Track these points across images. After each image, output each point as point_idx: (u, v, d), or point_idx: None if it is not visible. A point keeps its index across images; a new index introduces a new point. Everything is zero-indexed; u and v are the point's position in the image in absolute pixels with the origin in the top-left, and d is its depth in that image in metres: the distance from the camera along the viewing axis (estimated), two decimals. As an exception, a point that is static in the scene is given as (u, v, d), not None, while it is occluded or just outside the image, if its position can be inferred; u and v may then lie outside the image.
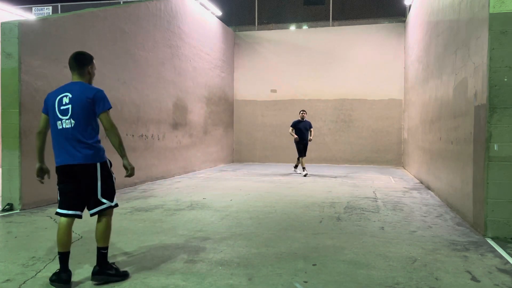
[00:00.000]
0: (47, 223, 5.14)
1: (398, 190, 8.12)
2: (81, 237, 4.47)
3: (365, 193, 7.70)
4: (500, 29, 4.38)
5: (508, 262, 3.67)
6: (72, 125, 3.05)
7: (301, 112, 11.16)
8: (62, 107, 3.07)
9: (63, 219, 3.10)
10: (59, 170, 3.14)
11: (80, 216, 3.17)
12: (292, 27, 16.84)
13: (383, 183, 9.25)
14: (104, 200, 3.17)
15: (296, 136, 10.72)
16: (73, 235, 4.54)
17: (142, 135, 9.04)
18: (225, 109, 14.41)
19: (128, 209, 6.04)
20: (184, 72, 11.13)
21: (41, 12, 16.47)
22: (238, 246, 4.14)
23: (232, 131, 15.27)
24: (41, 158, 3.25)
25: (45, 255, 3.81)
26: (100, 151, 3.20)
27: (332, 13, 15.44)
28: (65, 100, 3.07)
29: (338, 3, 16.34)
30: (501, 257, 3.81)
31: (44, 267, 3.46)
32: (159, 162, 9.78)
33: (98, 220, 3.22)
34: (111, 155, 3.52)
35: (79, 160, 3.08)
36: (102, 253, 3.16)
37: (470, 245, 4.18)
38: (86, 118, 3.08)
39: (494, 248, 4.08)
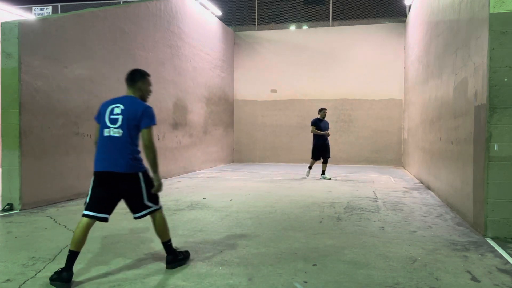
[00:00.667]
0: (47, 223, 5.14)
1: (398, 190, 8.11)
2: (81, 237, 4.46)
3: (365, 193, 7.70)
4: (500, 29, 4.38)
5: (508, 262, 3.67)
6: (120, 134, 3.20)
7: (323, 110, 10.08)
8: (112, 116, 3.21)
9: (85, 219, 3.17)
10: (98, 175, 3.24)
11: (107, 220, 3.25)
12: (292, 27, 16.83)
13: (383, 183, 9.25)
14: (150, 204, 3.34)
15: (321, 132, 9.84)
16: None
17: (142, 135, 9.03)
18: (225, 109, 14.41)
19: (128, 209, 6.03)
20: (184, 72, 11.13)
21: (41, 12, 16.47)
22: (238, 246, 4.14)
23: (232, 131, 15.27)
24: None
25: (45, 255, 3.81)
26: (141, 161, 3.35)
27: (332, 13, 15.44)
28: (117, 110, 3.22)
29: (338, 3, 16.34)
30: (501, 257, 3.80)
31: (44, 267, 3.46)
32: (159, 162, 9.76)
33: (153, 221, 3.43)
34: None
35: (122, 169, 3.19)
36: (168, 245, 3.44)
37: (470, 245, 4.18)
38: (133, 130, 3.23)
39: (494, 248, 4.08)
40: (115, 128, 3.19)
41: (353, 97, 14.38)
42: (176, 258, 3.46)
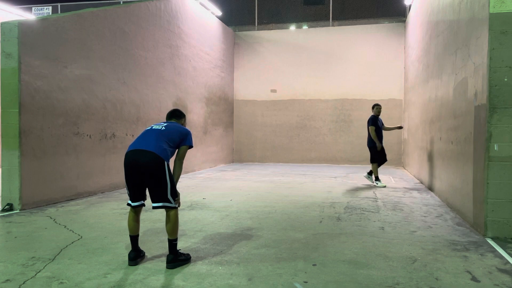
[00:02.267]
0: (47, 223, 5.14)
1: (398, 190, 8.11)
2: (81, 237, 4.46)
3: (365, 193, 7.70)
4: (500, 29, 4.38)
5: (508, 262, 3.66)
6: (162, 129, 3.70)
7: (377, 106, 8.77)
8: (157, 126, 3.78)
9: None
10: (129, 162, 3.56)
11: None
12: (292, 27, 16.83)
13: (383, 183, 9.24)
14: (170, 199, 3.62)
15: (378, 143, 8.55)
16: (73, 235, 4.55)
17: (142, 135, 9.03)
18: (225, 109, 14.41)
19: (128, 209, 6.03)
20: (184, 72, 11.13)
21: (41, 12, 16.47)
22: (238, 246, 4.14)
23: (232, 131, 15.27)
24: None
25: (45, 255, 3.81)
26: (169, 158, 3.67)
27: (332, 13, 15.44)
28: (162, 126, 3.77)
29: (338, 3, 16.33)
30: (501, 257, 3.80)
31: (44, 267, 3.46)
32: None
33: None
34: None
35: (152, 149, 3.50)
36: (173, 244, 3.58)
37: (470, 245, 4.18)
38: (173, 138, 3.68)
39: (494, 248, 4.08)
40: (158, 127, 3.80)
41: (353, 97, 14.38)
42: (176, 258, 3.56)
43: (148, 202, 3.76)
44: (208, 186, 8.68)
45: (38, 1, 17.25)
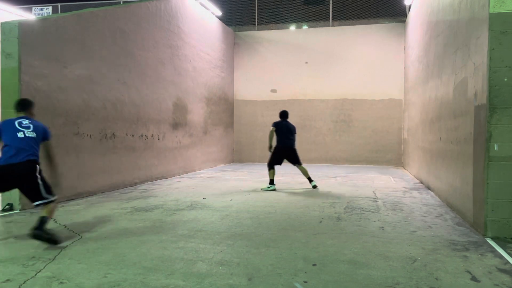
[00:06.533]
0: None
1: (398, 190, 8.12)
2: (81, 237, 4.47)
3: (365, 193, 7.70)
4: (500, 29, 4.38)
5: (508, 262, 3.67)
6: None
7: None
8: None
9: None
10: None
11: None
12: (292, 27, 16.83)
13: (383, 183, 9.25)
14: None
15: None
16: (73, 235, 4.55)
17: (142, 135, 9.04)
18: (225, 109, 14.41)
19: (128, 209, 6.04)
20: (184, 72, 11.13)
21: (41, 12, 16.47)
22: (238, 246, 4.14)
23: (232, 131, 15.27)
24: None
25: (45, 255, 3.81)
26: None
27: (332, 13, 15.44)
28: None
29: (338, 3, 16.33)
30: (501, 257, 3.80)
31: (44, 267, 3.46)
32: (159, 162, 9.78)
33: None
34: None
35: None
36: (43, 221, 4.09)
37: (470, 245, 4.18)
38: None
39: (494, 248, 4.08)
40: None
41: (353, 97, 14.38)
42: (42, 232, 4.00)
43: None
44: (208, 186, 8.68)
45: (38, 1, 17.25)
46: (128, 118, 8.51)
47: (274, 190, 8.08)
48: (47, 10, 16.60)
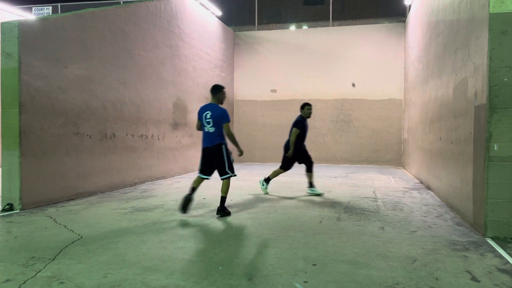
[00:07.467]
0: (47, 223, 5.14)
1: (398, 190, 8.11)
2: (81, 237, 4.47)
3: (365, 193, 7.70)
4: (500, 29, 4.38)
5: (508, 262, 3.67)
6: (213, 130, 5.77)
7: (308, 107, 7.79)
8: (207, 120, 5.72)
9: (198, 177, 5.73)
10: (204, 150, 5.89)
11: (208, 178, 5.80)
12: (292, 27, 16.83)
13: (383, 183, 9.25)
14: (229, 171, 5.76)
15: None
16: (73, 235, 4.55)
17: (142, 135, 9.04)
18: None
19: (128, 209, 6.04)
20: (184, 72, 11.13)
21: (41, 12, 16.47)
22: (238, 246, 4.14)
23: (232, 131, 15.26)
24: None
25: (45, 255, 3.81)
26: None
27: (332, 13, 15.44)
28: (208, 116, 5.73)
29: (338, 3, 16.34)
30: (501, 257, 3.80)
31: (44, 267, 3.46)
32: (159, 162, 9.78)
33: (224, 183, 5.70)
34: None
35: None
36: (223, 199, 5.63)
37: (470, 245, 4.18)
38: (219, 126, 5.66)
39: (494, 248, 4.08)
40: (210, 127, 5.77)
41: (353, 97, 14.38)
42: (223, 209, 5.51)
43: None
44: (208, 186, 8.67)
45: (38, 1, 17.25)
46: (128, 118, 8.51)
47: (266, 192, 7.67)
48: (47, 10, 16.60)
